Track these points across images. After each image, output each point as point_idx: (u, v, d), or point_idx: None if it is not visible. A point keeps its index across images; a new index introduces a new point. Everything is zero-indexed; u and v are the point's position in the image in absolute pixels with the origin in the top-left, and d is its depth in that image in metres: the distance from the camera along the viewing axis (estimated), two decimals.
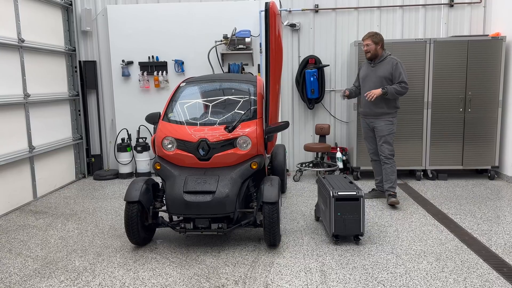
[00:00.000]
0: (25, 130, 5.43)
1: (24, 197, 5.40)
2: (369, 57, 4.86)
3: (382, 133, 4.88)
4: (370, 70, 4.92)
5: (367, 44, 4.82)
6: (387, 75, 4.78)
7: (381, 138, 4.90)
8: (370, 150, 5.15)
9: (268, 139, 4.03)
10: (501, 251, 3.59)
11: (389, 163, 4.90)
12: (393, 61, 4.79)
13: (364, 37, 4.87)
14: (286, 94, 6.84)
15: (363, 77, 5.00)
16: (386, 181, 4.95)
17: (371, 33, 4.84)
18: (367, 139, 5.14)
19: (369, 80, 4.91)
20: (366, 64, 5.04)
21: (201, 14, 6.51)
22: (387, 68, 4.79)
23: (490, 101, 5.97)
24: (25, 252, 3.82)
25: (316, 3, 6.62)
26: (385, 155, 4.89)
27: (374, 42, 4.80)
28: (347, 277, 3.19)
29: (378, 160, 5.10)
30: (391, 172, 4.91)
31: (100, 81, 6.92)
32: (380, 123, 4.88)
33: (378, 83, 4.83)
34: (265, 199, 3.56)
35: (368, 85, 4.92)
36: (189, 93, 4.30)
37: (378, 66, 4.85)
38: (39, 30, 5.80)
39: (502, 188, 5.64)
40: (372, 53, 4.81)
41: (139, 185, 3.73)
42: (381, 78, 4.81)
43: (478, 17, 6.55)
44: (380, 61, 4.85)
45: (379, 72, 4.83)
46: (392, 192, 4.90)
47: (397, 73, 4.75)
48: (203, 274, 3.30)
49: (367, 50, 4.84)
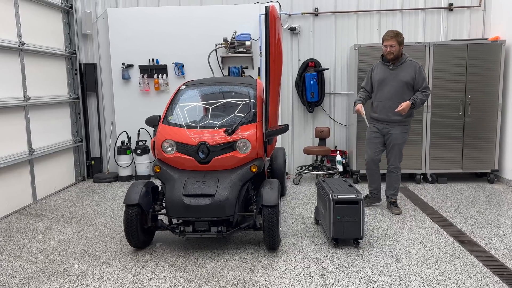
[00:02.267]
0: (25, 132, 5.43)
1: (23, 200, 5.39)
2: (392, 58, 4.47)
3: (396, 141, 4.61)
4: (389, 73, 4.53)
5: (391, 44, 4.41)
6: (409, 80, 4.45)
7: (394, 147, 4.64)
8: (370, 156, 4.78)
9: (267, 142, 4.03)
10: (501, 255, 3.59)
11: (396, 172, 4.74)
12: (416, 65, 4.47)
13: (387, 37, 4.43)
14: (286, 97, 6.85)
15: (380, 80, 4.59)
16: (390, 187, 4.81)
17: (395, 32, 4.43)
18: (370, 145, 4.77)
19: (388, 84, 4.54)
20: (381, 65, 4.64)
21: (201, 17, 6.53)
22: (409, 72, 4.45)
23: (489, 105, 5.97)
24: (24, 255, 3.82)
25: (316, 6, 6.64)
26: (395, 165, 4.70)
27: (399, 43, 4.41)
28: (347, 280, 3.18)
29: (376, 169, 4.84)
30: (396, 180, 4.77)
31: (100, 84, 6.93)
32: (396, 131, 4.59)
33: (399, 88, 4.49)
34: (264, 202, 3.56)
35: (387, 90, 4.54)
36: (189, 96, 4.30)
37: (399, 69, 4.49)
38: (39, 33, 5.81)
39: (502, 192, 5.63)
40: (396, 54, 4.43)
41: (139, 188, 3.73)
42: (403, 83, 4.47)
43: (478, 21, 6.57)
44: (400, 64, 4.49)
45: (401, 76, 4.47)
46: (394, 200, 4.81)
47: (420, 78, 4.44)
48: (203, 277, 3.29)
49: (390, 51, 4.43)
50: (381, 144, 4.74)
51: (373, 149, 4.75)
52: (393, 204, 4.82)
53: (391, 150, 4.67)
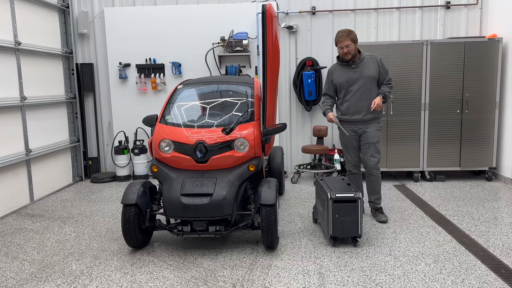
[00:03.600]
0: (21, 133, 5.40)
1: (20, 200, 5.37)
2: (350, 58, 4.32)
3: (373, 139, 4.39)
4: (352, 72, 4.37)
5: (347, 45, 4.25)
6: (375, 74, 4.34)
7: (370, 146, 4.40)
8: (351, 162, 4.58)
9: (265, 141, 4.03)
10: (499, 253, 3.59)
11: (376, 175, 4.46)
12: (376, 58, 4.38)
13: (340, 38, 4.26)
14: (283, 96, 6.84)
15: (345, 81, 4.40)
16: (372, 192, 4.53)
17: (346, 31, 4.26)
18: (349, 150, 4.55)
19: (355, 83, 4.36)
20: (339, 67, 4.46)
21: (198, 16, 6.51)
22: (372, 67, 4.34)
23: (487, 103, 5.98)
24: (21, 256, 3.80)
25: (313, 5, 6.63)
26: (373, 165, 4.41)
27: (353, 41, 4.26)
28: (345, 279, 3.18)
29: (358, 173, 4.61)
30: (377, 183, 4.49)
31: (97, 84, 6.91)
32: (371, 129, 4.40)
33: (368, 84, 4.35)
34: (262, 201, 3.55)
35: (355, 89, 4.37)
36: (186, 95, 4.29)
37: (362, 67, 4.35)
38: (35, 33, 5.79)
39: (500, 189, 5.64)
40: (353, 53, 4.29)
41: (136, 188, 3.72)
42: (370, 79, 4.34)
43: (475, 19, 6.57)
44: (361, 61, 4.36)
45: (366, 73, 4.34)
46: (379, 206, 4.52)
47: (384, 71, 4.37)
48: (201, 277, 3.28)
49: (347, 52, 4.27)
50: (358, 145, 4.54)
51: (352, 154, 4.55)
52: (378, 210, 4.50)
53: (367, 149, 4.42)
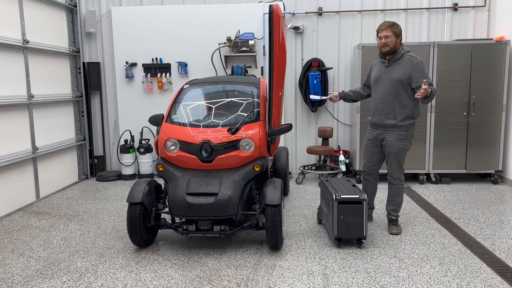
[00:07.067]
0: (28, 131, 5.44)
1: (27, 198, 5.41)
2: (387, 51, 3.88)
3: (392, 149, 3.98)
4: (383, 71, 3.98)
5: (386, 35, 3.82)
6: (403, 77, 3.85)
7: (389, 155, 4.03)
8: (364, 167, 4.28)
9: (271, 142, 4.03)
10: (505, 256, 3.57)
11: (396, 184, 4.09)
12: (413, 60, 3.84)
13: (382, 27, 3.86)
14: (289, 97, 6.84)
15: (375, 79, 4.06)
16: (389, 202, 4.19)
17: (390, 23, 3.86)
18: (364, 154, 4.27)
19: (381, 84, 3.99)
20: (378, 62, 4.10)
21: (205, 16, 6.53)
22: (404, 69, 3.85)
23: (494, 105, 5.94)
24: (27, 253, 3.82)
25: (320, 6, 6.63)
26: (393, 176, 4.08)
27: (395, 34, 3.82)
28: (350, 280, 3.17)
29: (370, 181, 4.28)
30: (397, 194, 4.11)
31: (104, 83, 6.94)
32: (390, 137, 3.99)
33: (392, 87, 3.90)
34: (267, 201, 3.55)
35: (380, 90, 4.00)
36: (192, 95, 4.30)
37: (393, 66, 3.92)
38: (43, 32, 5.82)
39: (506, 193, 5.61)
40: (391, 47, 3.84)
41: (142, 187, 3.74)
42: (396, 82, 3.88)
43: (482, 21, 6.54)
44: (396, 60, 3.91)
45: (394, 74, 3.89)
46: (394, 216, 4.17)
47: (418, 75, 3.79)
48: (205, 276, 3.29)
49: (385, 43, 3.84)
50: (378, 153, 4.16)
51: (368, 159, 4.22)
52: (392, 222, 4.19)
53: (388, 159, 4.08)
